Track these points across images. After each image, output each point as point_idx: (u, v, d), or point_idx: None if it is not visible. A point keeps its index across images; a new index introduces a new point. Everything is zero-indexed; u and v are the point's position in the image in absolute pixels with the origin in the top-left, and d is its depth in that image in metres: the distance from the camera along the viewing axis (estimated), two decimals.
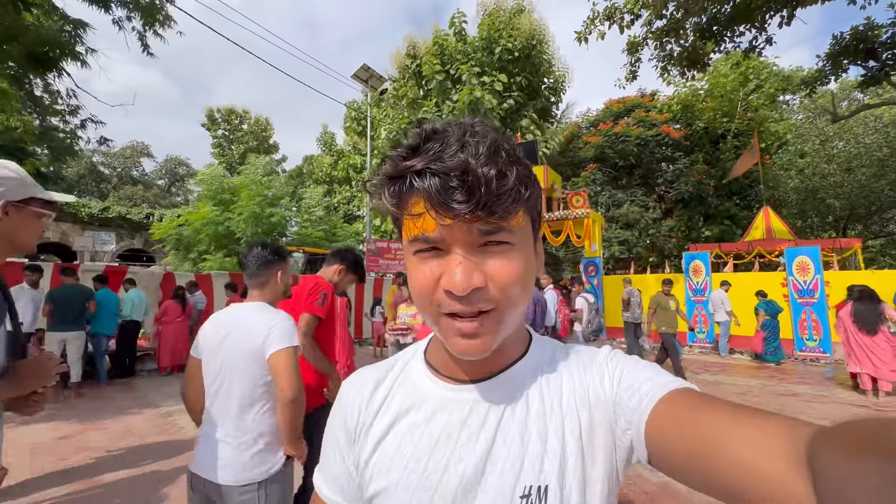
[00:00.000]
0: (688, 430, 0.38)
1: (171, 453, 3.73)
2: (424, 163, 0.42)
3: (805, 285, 8.35)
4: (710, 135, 16.54)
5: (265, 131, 30.58)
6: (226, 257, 11.81)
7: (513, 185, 0.42)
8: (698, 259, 9.80)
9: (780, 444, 0.31)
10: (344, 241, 15.75)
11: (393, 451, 0.51)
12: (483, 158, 0.41)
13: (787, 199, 18.99)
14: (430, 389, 0.53)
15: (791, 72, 19.07)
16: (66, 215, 15.61)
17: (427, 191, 0.42)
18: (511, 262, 0.44)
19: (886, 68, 10.68)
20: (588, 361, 0.52)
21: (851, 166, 17.73)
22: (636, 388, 0.45)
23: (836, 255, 9.29)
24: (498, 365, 0.52)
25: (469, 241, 0.43)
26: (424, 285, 0.45)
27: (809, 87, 11.64)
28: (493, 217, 0.42)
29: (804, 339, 8.26)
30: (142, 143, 34.39)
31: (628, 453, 0.45)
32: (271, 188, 13.69)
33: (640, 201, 15.60)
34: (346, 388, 0.59)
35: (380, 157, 17.00)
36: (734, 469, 0.33)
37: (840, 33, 10.70)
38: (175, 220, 12.90)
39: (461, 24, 16.80)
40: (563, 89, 18.42)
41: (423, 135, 0.45)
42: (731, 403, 0.38)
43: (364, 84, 14.25)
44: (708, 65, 11.03)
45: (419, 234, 0.44)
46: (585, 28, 10.42)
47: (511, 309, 0.45)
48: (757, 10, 9.23)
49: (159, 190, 33.95)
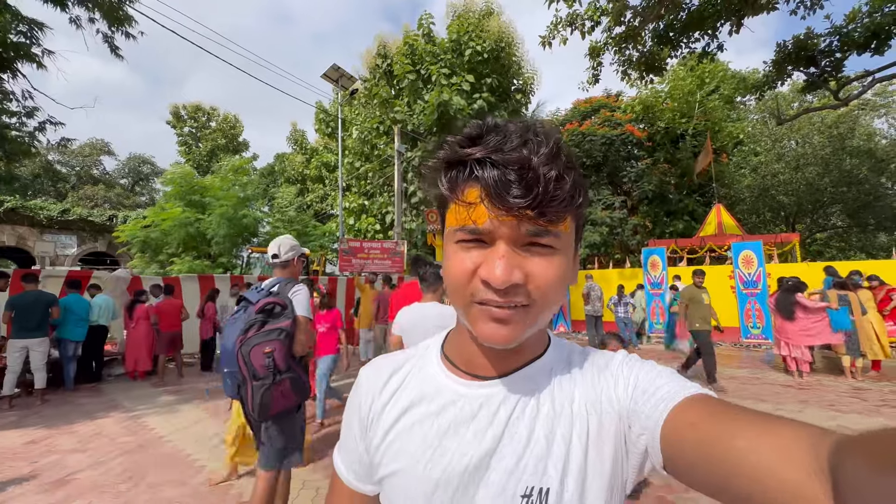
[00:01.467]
0: (705, 435, 0.37)
1: (142, 452, 3.85)
2: (485, 152, 0.42)
3: (749, 277, 9.05)
4: (671, 134, 17.33)
5: (234, 128, 29.90)
6: (195, 259, 11.67)
7: (568, 190, 0.43)
8: (656, 254, 10.41)
9: (802, 452, 0.31)
10: (316, 241, 15.73)
11: (402, 439, 0.52)
12: (544, 158, 0.42)
13: (741, 196, 20.11)
14: (444, 383, 0.54)
15: (747, 74, 20.18)
16: (23, 218, 14.94)
17: (485, 180, 0.42)
18: (552, 266, 0.45)
19: (825, 74, 11.40)
20: (603, 366, 0.52)
21: (799, 165, 18.93)
22: (651, 392, 0.45)
23: (777, 248, 10.08)
24: (513, 364, 0.52)
25: (515, 238, 0.44)
26: (462, 272, 0.45)
27: (758, 90, 12.34)
28: (543, 219, 0.42)
29: (749, 327, 8.97)
30: (102, 141, 32.95)
31: (642, 459, 0.45)
32: (244, 188, 13.59)
33: (606, 200, 16.24)
34: (364, 373, 0.61)
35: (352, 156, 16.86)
36: (752, 476, 0.32)
37: (783, 41, 11.31)
38: (140, 221, 12.60)
39: (429, 26, 16.96)
40: (532, 91, 18.87)
41: (485, 126, 0.46)
42: (749, 409, 0.38)
43: (334, 84, 14.27)
44: (665, 69, 11.55)
45: (467, 223, 0.44)
46: (549, 33, 10.75)
47: (545, 309, 0.46)
48: (709, 19, 9.74)
49: (122, 189, 32.66)
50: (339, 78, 14.10)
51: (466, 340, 0.53)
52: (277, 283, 2.25)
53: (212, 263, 12.27)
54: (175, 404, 5.35)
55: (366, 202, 18.36)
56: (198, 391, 6.00)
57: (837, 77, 11.18)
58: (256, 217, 13.55)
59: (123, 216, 16.20)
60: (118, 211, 18.09)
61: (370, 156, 17.80)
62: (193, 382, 6.59)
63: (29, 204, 15.14)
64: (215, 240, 11.76)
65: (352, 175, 18.44)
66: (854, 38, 10.15)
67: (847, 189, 18.05)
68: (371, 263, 12.92)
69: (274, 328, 2.05)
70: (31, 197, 20.47)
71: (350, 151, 18.35)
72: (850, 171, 17.77)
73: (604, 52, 11.30)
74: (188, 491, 3.11)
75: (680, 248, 11.22)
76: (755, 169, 20.26)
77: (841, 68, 11.05)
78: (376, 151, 17.33)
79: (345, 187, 19.91)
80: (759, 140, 20.87)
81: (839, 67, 11.02)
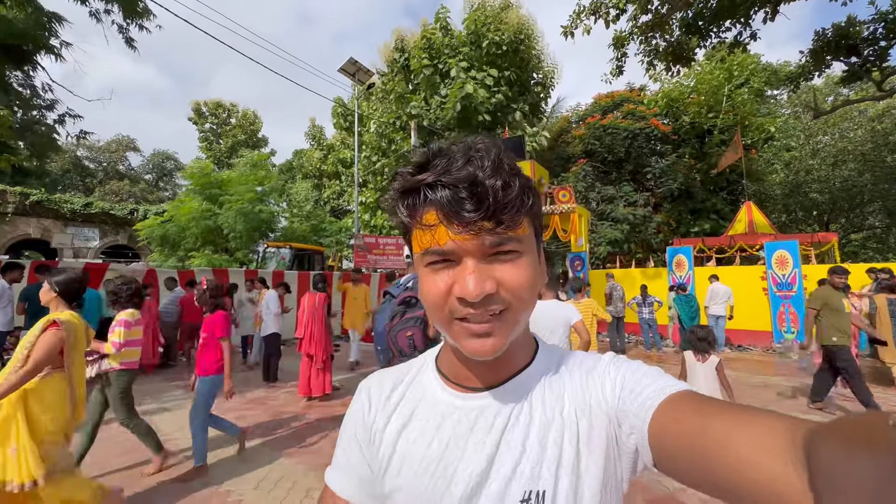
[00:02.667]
0: (688, 429, 0.39)
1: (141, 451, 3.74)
2: (435, 176, 0.45)
3: (784, 279, 8.52)
4: (697, 129, 16.66)
5: (253, 125, 30.28)
6: (213, 253, 11.73)
7: (517, 195, 0.45)
8: (681, 253, 9.93)
9: (778, 441, 0.32)
10: (331, 237, 15.70)
11: (405, 454, 0.53)
12: (489, 171, 0.44)
13: (771, 193, 19.22)
14: (441, 397, 0.55)
15: (778, 66, 19.25)
16: (48, 211, 15.35)
17: (439, 202, 0.44)
18: (520, 269, 0.47)
19: (868, 64, 10.77)
20: (591, 367, 0.53)
21: (837, 161, 17.96)
22: (638, 392, 0.46)
23: (814, 249, 9.47)
24: (505, 373, 0.53)
25: (479, 251, 0.45)
26: (437, 294, 0.47)
27: (793, 82, 11.71)
28: (500, 227, 0.44)
29: (782, 332, 8.44)
30: (127, 137, 33.86)
31: (634, 459, 0.46)
32: (262, 183, 13.59)
33: (629, 198, 15.71)
34: (366, 386, 0.62)
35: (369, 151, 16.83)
36: (734, 467, 0.33)
37: (822, 29, 10.74)
38: (159, 217, 12.73)
39: (446, 20, 16.75)
40: (552, 85, 18.42)
41: (430, 153, 0.48)
42: (732, 404, 0.40)
43: (351, 78, 14.14)
44: (693, 60, 11.06)
45: (431, 246, 0.46)
46: (571, 22, 10.39)
47: (522, 310, 0.48)
48: (741, 5, 9.26)
49: (146, 185, 33.50)
50: (356, 72, 13.97)
51: (457, 355, 0.54)
52: (413, 279, 2.66)
53: (229, 258, 12.31)
54: (182, 400, 5.27)
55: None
56: None
57: (881, 67, 10.55)
58: (273, 212, 13.53)
59: (144, 210, 16.49)
60: (140, 205, 18.46)
61: (387, 150, 17.68)
62: None
63: (54, 197, 15.56)
64: (232, 234, 11.79)
65: (368, 171, 18.36)
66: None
67: (889, 187, 17.02)
68: (386, 259, 12.79)
69: (411, 317, 2.53)
70: (60, 191, 21.13)
71: (367, 146, 18.28)
72: (893, 167, 16.74)
73: (628, 43, 10.90)
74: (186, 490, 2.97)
75: (707, 248, 10.69)
76: (787, 164, 19.33)
77: (886, 57, 10.43)
78: (393, 146, 17.19)
79: (361, 183, 19.87)
80: (791, 135, 19.90)
81: (884, 56, 10.40)
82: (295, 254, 11.45)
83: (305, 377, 4.80)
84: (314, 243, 15.62)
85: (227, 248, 12.77)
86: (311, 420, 4.48)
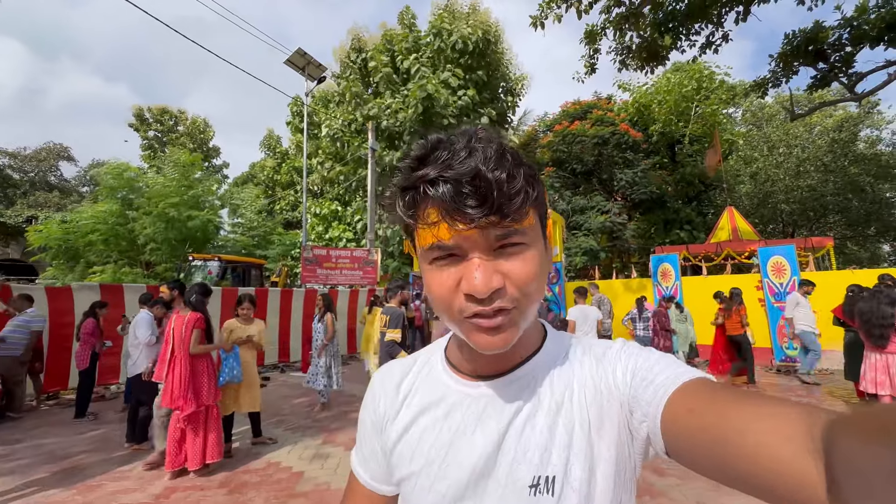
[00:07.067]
0: (703, 420, 0.37)
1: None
2: (437, 171, 0.42)
3: (781, 288, 7.59)
4: (667, 138, 16.28)
5: (203, 133, 28.01)
6: (122, 267, 9.65)
7: (522, 186, 0.43)
8: (667, 262, 8.93)
9: (795, 430, 0.31)
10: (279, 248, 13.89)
11: (415, 442, 0.53)
12: (492, 163, 0.42)
13: (740, 203, 19.13)
14: (450, 385, 0.55)
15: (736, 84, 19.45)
16: None
17: (441, 198, 0.42)
18: (527, 262, 0.45)
19: (835, 69, 10.58)
20: (601, 354, 0.52)
21: (799, 171, 18.07)
22: (650, 379, 0.44)
23: (811, 254, 8.68)
24: (513, 361, 0.52)
25: (485, 245, 0.43)
26: (444, 291, 0.45)
27: (762, 88, 11.46)
28: (505, 220, 0.42)
29: (783, 348, 7.46)
30: (60, 145, 30.57)
31: (645, 445, 0.45)
32: (193, 187, 11.61)
33: (602, 207, 14.91)
34: (378, 378, 0.62)
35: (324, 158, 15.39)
36: (748, 456, 0.32)
37: (792, 31, 10.55)
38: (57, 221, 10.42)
39: (411, 20, 15.95)
40: (520, 94, 17.76)
41: (430, 144, 0.45)
42: (746, 392, 0.38)
43: (300, 72, 12.68)
44: (667, 58, 10.55)
45: (435, 241, 0.44)
46: (541, 12, 9.53)
47: (531, 304, 0.46)
48: (712, 6, 8.87)
49: (80, 197, 30.18)
50: (305, 65, 12.55)
51: (465, 345, 0.53)
52: None
53: (146, 273, 10.27)
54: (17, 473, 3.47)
55: (339, 208, 16.68)
56: (44, 453, 4.06)
57: (847, 72, 10.38)
58: (208, 220, 11.49)
59: (45, 217, 13.84)
60: (39, 212, 15.84)
61: (343, 157, 16.27)
62: (49, 433, 4.67)
63: None
64: (150, 245, 9.80)
65: (324, 179, 16.81)
66: (866, 31, 9.38)
67: (851, 197, 17.17)
68: (339, 274, 11.14)
69: None
70: None
71: (322, 152, 16.76)
72: (854, 178, 16.92)
73: (601, 38, 10.23)
74: None
75: (693, 256, 9.78)
76: (753, 175, 19.38)
77: (851, 63, 10.24)
78: (349, 151, 15.82)
79: (317, 192, 18.20)
80: (755, 146, 20.05)
81: (849, 62, 10.22)
82: (225, 267, 9.48)
83: (173, 439, 3.16)
84: (259, 257, 13.75)
85: (147, 261, 10.74)
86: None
